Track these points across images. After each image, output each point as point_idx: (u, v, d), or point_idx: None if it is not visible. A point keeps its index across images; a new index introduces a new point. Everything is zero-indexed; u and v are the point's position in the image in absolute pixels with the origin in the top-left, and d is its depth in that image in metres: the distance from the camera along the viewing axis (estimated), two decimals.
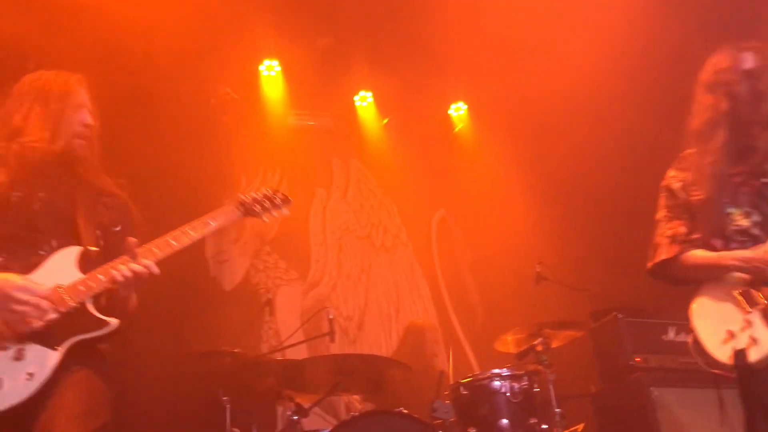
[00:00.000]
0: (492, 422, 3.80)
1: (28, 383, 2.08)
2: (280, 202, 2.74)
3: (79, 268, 2.29)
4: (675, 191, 2.55)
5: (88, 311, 2.22)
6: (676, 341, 4.23)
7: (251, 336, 5.56)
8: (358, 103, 6.74)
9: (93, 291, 2.23)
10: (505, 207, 6.32)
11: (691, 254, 2.46)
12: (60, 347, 2.15)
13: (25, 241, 2.32)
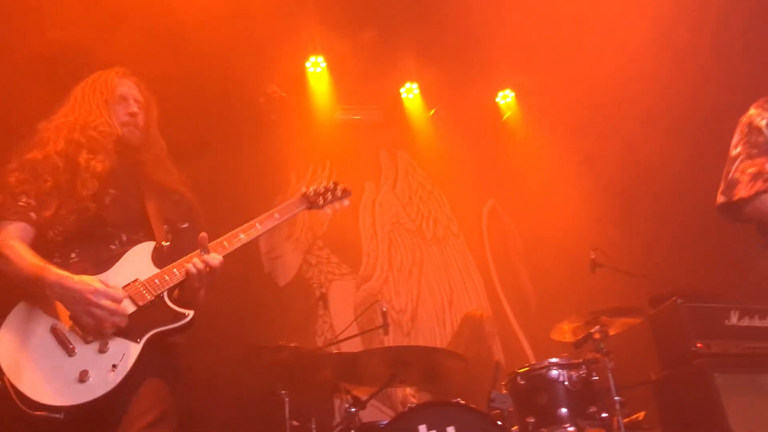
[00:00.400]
0: (551, 411, 3.76)
1: (112, 375, 2.16)
2: (341, 194, 2.88)
3: (154, 262, 2.39)
4: (759, 128, 2.41)
5: (166, 304, 2.31)
6: (740, 326, 4.10)
7: (307, 330, 5.64)
8: (404, 94, 6.74)
9: (169, 284, 2.33)
10: (556, 194, 6.24)
11: None
12: (141, 339, 2.23)
13: (96, 236, 2.43)
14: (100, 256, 2.38)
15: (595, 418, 3.78)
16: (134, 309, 2.26)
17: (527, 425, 3.80)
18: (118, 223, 2.48)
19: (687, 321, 4.07)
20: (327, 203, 2.83)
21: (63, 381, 2.12)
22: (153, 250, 2.42)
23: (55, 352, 2.17)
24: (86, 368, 2.14)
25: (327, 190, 2.85)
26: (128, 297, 2.26)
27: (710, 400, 3.75)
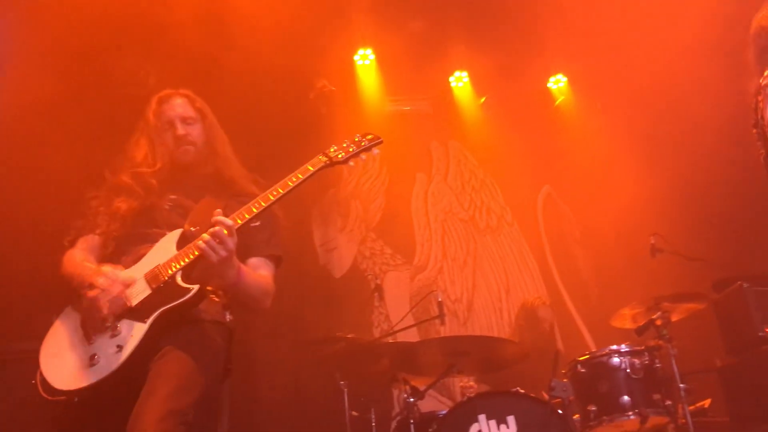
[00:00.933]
0: (613, 399, 3.71)
1: (116, 356, 2.26)
2: (368, 143, 2.63)
3: (178, 247, 2.45)
4: None
5: (177, 283, 2.36)
6: None
7: (363, 322, 5.68)
8: (453, 83, 6.68)
9: (183, 264, 2.37)
10: (612, 178, 6.10)
11: None
12: (148, 319, 2.31)
13: (144, 236, 2.54)
14: (137, 253, 2.50)
15: (659, 405, 3.72)
16: (149, 292, 2.35)
17: (589, 413, 3.76)
18: (167, 224, 2.57)
19: (753, 306, 3.97)
20: (350, 155, 2.59)
21: (78, 367, 2.27)
22: (179, 236, 2.49)
23: (79, 342, 2.34)
24: (95, 352, 2.28)
25: (351, 142, 2.63)
26: (146, 281, 2.37)
27: None
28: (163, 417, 2.13)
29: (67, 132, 4.56)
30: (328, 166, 2.59)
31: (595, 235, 6.40)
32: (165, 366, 2.28)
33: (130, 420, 2.15)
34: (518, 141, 6.68)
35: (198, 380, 2.30)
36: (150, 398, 2.19)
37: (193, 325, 2.43)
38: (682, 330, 4.26)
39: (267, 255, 2.65)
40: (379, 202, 6.56)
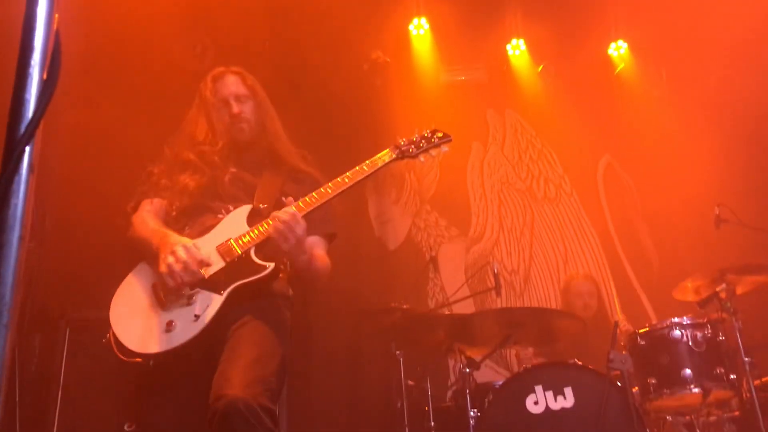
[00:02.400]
0: (674, 372, 3.64)
1: (194, 324, 2.31)
2: (438, 141, 2.73)
3: (248, 223, 2.51)
4: None
5: (252, 259, 2.42)
6: None
7: (418, 293, 5.70)
8: (510, 51, 6.55)
9: (256, 241, 2.43)
10: (676, 147, 5.91)
11: None
12: (224, 291, 2.37)
13: (207, 208, 2.61)
14: (204, 225, 2.54)
15: (723, 379, 3.62)
16: (223, 264, 2.40)
17: (648, 386, 3.69)
18: (229, 196, 2.63)
19: None
20: (421, 151, 2.69)
21: (154, 331, 2.32)
22: (249, 212, 2.54)
23: (153, 306, 2.39)
24: (172, 319, 2.33)
25: (421, 138, 2.72)
26: (219, 254, 2.41)
27: None
28: (250, 382, 2.18)
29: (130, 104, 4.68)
30: (399, 159, 2.68)
31: (658, 206, 6.22)
32: (247, 334, 2.35)
33: (215, 386, 2.20)
34: (577, 110, 6.52)
35: (277, 350, 2.37)
36: (236, 363, 2.25)
37: (266, 298, 2.49)
38: (747, 303, 4.12)
39: (323, 233, 2.70)
40: (434, 173, 6.53)
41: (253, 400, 2.13)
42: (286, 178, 2.73)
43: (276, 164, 2.78)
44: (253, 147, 2.82)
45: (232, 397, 2.12)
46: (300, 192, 2.62)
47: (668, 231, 6.04)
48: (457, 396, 4.15)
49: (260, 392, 2.17)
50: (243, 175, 2.71)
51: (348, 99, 5.97)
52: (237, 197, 2.62)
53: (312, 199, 2.47)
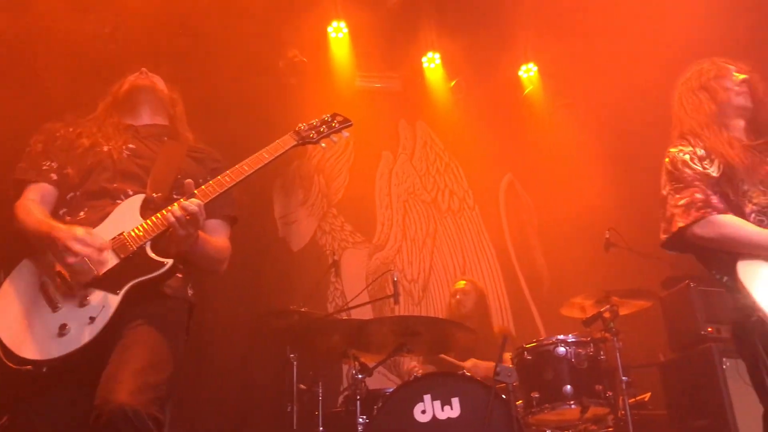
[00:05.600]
0: (556, 388, 3.79)
1: (90, 327, 2.18)
2: (338, 125, 2.67)
3: (142, 214, 2.39)
4: (684, 161, 2.48)
5: (147, 255, 2.30)
6: None
7: (318, 296, 5.67)
8: (425, 64, 6.65)
9: (150, 235, 2.31)
10: (574, 171, 6.17)
11: (725, 218, 2.35)
12: (120, 291, 2.24)
13: (105, 192, 2.47)
14: (104, 211, 2.40)
15: (600, 396, 3.80)
16: (117, 261, 2.27)
17: (532, 400, 3.83)
18: (127, 178, 2.50)
19: (698, 304, 4.06)
20: (322, 136, 2.62)
21: (45, 336, 2.16)
22: (142, 203, 2.42)
23: (42, 307, 2.22)
24: (65, 322, 2.18)
25: (322, 123, 2.66)
26: (112, 250, 2.28)
27: (716, 384, 3.76)
28: (141, 388, 2.09)
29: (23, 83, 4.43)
30: (299, 145, 2.61)
31: (553, 225, 6.48)
32: (141, 336, 2.24)
33: (103, 388, 2.09)
34: (485, 127, 6.70)
35: (170, 357, 2.26)
36: (127, 365, 2.14)
37: (161, 299, 2.37)
38: (629, 324, 4.35)
39: (223, 216, 2.62)
40: (343, 178, 6.54)
41: (142, 408, 2.04)
42: (185, 155, 2.65)
43: (175, 142, 2.71)
44: (153, 119, 2.75)
45: (121, 402, 2.02)
46: (198, 172, 2.56)
47: (561, 250, 6.29)
48: (348, 402, 4.17)
49: (150, 400, 2.09)
50: (142, 151, 2.60)
51: (261, 95, 5.88)
52: (135, 176, 2.51)
53: (210, 189, 2.38)
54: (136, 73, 2.83)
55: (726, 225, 2.34)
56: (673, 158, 2.53)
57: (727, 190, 2.43)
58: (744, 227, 2.33)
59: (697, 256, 2.53)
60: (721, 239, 2.34)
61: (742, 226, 2.34)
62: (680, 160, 2.50)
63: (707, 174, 2.46)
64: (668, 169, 2.54)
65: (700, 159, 2.49)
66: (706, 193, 2.40)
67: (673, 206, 2.45)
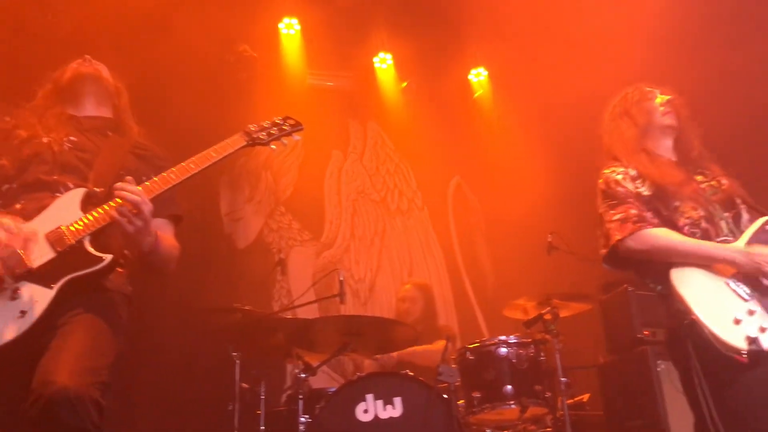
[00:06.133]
0: (497, 388, 3.83)
1: (20, 321, 2.11)
2: (290, 128, 2.66)
3: (82, 208, 2.32)
4: (616, 181, 2.58)
5: (85, 249, 2.24)
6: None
7: (263, 294, 5.63)
8: (377, 64, 6.67)
9: (90, 229, 2.25)
10: (521, 176, 6.27)
11: (658, 231, 2.44)
12: (55, 285, 2.17)
13: (44, 185, 2.39)
14: (42, 204, 2.33)
15: (540, 397, 3.86)
16: (54, 255, 2.21)
17: (472, 400, 3.86)
18: (68, 171, 2.43)
19: (635, 308, 4.17)
20: (272, 138, 2.60)
21: None
22: (83, 197, 2.35)
23: None
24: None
25: (273, 124, 2.64)
26: (48, 243, 2.22)
27: (650, 386, 3.87)
28: (82, 371, 2.03)
29: None
30: (249, 146, 2.58)
31: (499, 228, 6.58)
32: (79, 325, 2.17)
33: (42, 371, 2.02)
34: (435, 129, 6.75)
35: (112, 345, 2.21)
36: (65, 352, 2.08)
37: (101, 293, 2.31)
38: (569, 326, 4.44)
39: (168, 215, 2.56)
40: (292, 175, 6.50)
41: (84, 390, 1.99)
42: (128, 152, 2.58)
43: (119, 137, 2.63)
44: (97, 111, 2.67)
45: (62, 384, 1.96)
46: (142, 169, 2.50)
47: (506, 253, 6.38)
48: (291, 401, 4.15)
49: (92, 383, 2.04)
50: (84, 144, 2.52)
51: (210, 89, 5.80)
52: (76, 169, 2.43)
53: (154, 185, 2.33)
54: (79, 59, 2.73)
55: (659, 237, 2.43)
56: (606, 178, 2.63)
57: (660, 206, 2.53)
58: (675, 238, 2.43)
59: (634, 270, 2.61)
60: (654, 250, 2.43)
61: (673, 237, 2.43)
62: (613, 180, 2.60)
63: (639, 193, 2.56)
64: (602, 189, 2.64)
65: (632, 179, 2.59)
66: (640, 209, 2.50)
67: (609, 222, 2.54)
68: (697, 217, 2.48)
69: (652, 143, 2.67)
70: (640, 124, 2.67)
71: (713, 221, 2.49)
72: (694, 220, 2.47)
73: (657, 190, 2.53)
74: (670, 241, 2.41)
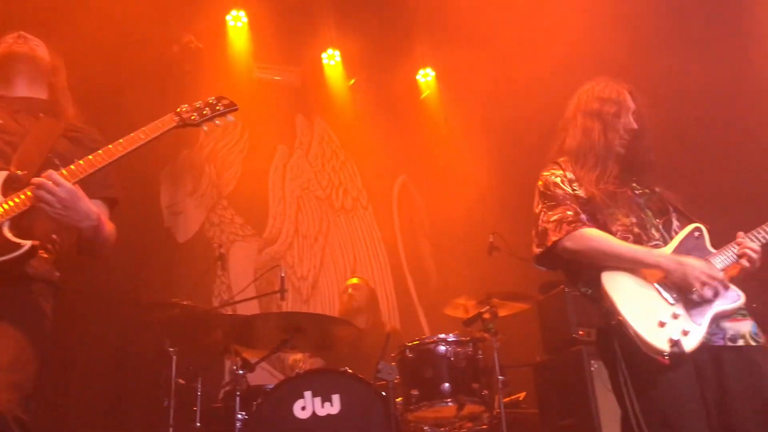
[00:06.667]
0: (435, 385, 3.86)
1: None
2: (223, 109, 2.55)
3: (2, 192, 2.21)
4: (555, 183, 2.62)
5: (3, 235, 2.13)
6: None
7: (203, 289, 5.53)
8: (325, 60, 6.65)
9: (9, 214, 2.14)
10: (465, 176, 6.35)
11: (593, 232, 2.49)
12: None
13: None
14: None
15: (477, 394, 3.91)
16: None
17: (411, 397, 3.89)
18: None
19: (571, 309, 4.26)
20: (204, 119, 2.50)
21: None
22: (4, 180, 2.23)
23: None
24: None
25: (206, 105, 2.53)
26: None
27: (584, 385, 3.95)
28: (4, 388, 1.94)
29: None
30: (180, 126, 2.47)
31: (443, 228, 6.65)
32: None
33: None
34: (382, 128, 6.77)
35: (34, 350, 2.11)
36: None
37: (23, 282, 2.20)
38: (508, 325, 4.52)
39: (102, 197, 2.44)
40: (235, 169, 6.42)
41: (7, 411, 1.91)
42: (61, 135, 2.46)
43: (52, 118, 2.50)
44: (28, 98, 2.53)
45: None
46: (74, 151, 2.39)
47: (449, 252, 6.46)
48: (228, 397, 4.10)
49: (15, 401, 1.95)
50: (9, 127, 2.39)
51: (153, 79, 5.68)
52: (2, 152, 2.31)
53: (79, 168, 2.22)
54: (14, 35, 2.57)
55: (594, 239, 2.48)
56: (545, 180, 2.66)
57: (594, 210, 2.57)
58: (610, 240, 2.48)
59: (564, 271, 2.66)
60: (589, 252, 2.48)
61: (608, 240, 2.48)
62: (551, 182, 2.64)
63: (576, 195, 2.60)
64: (541, 190, 2.67)
65: (570, 182, 2.63)
66: (576, 211, 2.54)
67: (545, 222, 2.57)
68: (629, 223, 2.54)
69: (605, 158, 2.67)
70: (608, 137, 2.64)
71: (645, 227, 2.56)
72: (626, 225, 2.53)
73: (593, 196, 2.58)
74: (605, 243, 2.47)
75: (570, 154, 2.69)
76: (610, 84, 2.76)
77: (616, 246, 2.46)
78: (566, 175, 2.64)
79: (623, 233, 2.52)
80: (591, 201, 2.57)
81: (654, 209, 2.64)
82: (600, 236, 2.49)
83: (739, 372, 2.31)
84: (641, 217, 2.58)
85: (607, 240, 2.48)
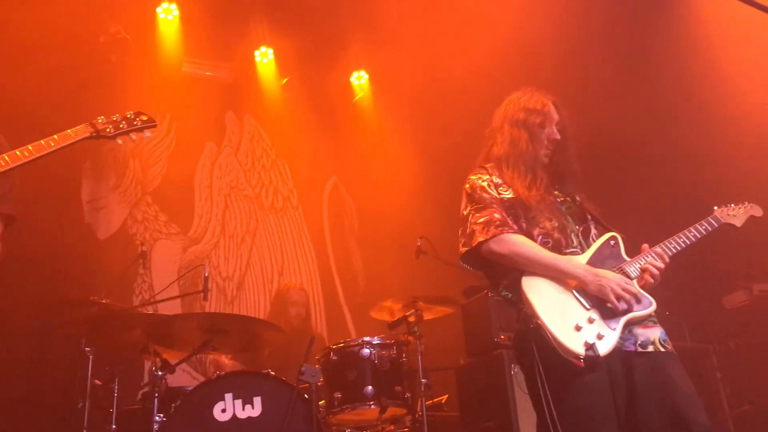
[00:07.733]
0: (358, 388, 3.87)
1: None
2: (140, 124, 2.61)
3: None
4: (482, 187, 2.68)
5: None
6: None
7: (123, 288, 5.36)
8: (258, 58, 6.56)
9: None
10: (396, 180, 6.39)
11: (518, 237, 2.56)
12: None
13: None
14: None
15: (399, 397, 3.94)
16: None
17: (333, 400, 3.88)
18: None
19: (494, 313, 4.33)
20: (119, 132, 2.55)
21: None
22: None
23: None
24: None
25: (123, 119, 2.59)
26: None
27: (504, 388, 4.03)
28: None
29: None
30: (93, 137, 2.50)
31: (372, 230, 6.67)
32: None
33: None
34: (315, 128, 6.74)
35: None
36: None
37: None
38: (432, 329, 4.56)
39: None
40: (161, 165, 6.26)
41: None
42: None
43: None
44: None
45: None
46: None
47: (377, 255, 6.48)
48: (146, 399, 3.98)
49: None
50: None
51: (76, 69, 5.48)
52: None
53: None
54: None
55: (518, 244, 2.55)
56: (472, 184, 2.72)
57: (519, 212, 2.64)
58: (533, 247, 2.55)
59: (486, 272, 2.71)
60: (512, 256, 2.54)
61: (531, 246, 2.55)
62: (479, 186, 2.69)
63: (502, 199, 2.66)
64: (468, 193, 2.72)
65: (496, 186, 2.69)
66: (503, 215, 2.61)
67: (473, 223, 2.62)
68: (550, 228, 2.61)
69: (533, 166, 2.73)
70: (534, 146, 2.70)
71: (565, 233, 2.63)
72: (547, 230, 2.61)
73: (518, 200, 2.64)
74: (529, 249, 2.53)
75: (497, 161, 2.75)
76: (535, 95, 2.83)
77: (538, 253, 2.53)
78: (492, 180, 2.70)
79: (544, 237, 2.59)
80: (517, 203, 2.64)
81: (574, 216, 2.72)
82: (524, 242, 2.55)
83: (648, 377, 2.41)
84: (563, 222, 2.66)
85: (531, 247, 2.54)
